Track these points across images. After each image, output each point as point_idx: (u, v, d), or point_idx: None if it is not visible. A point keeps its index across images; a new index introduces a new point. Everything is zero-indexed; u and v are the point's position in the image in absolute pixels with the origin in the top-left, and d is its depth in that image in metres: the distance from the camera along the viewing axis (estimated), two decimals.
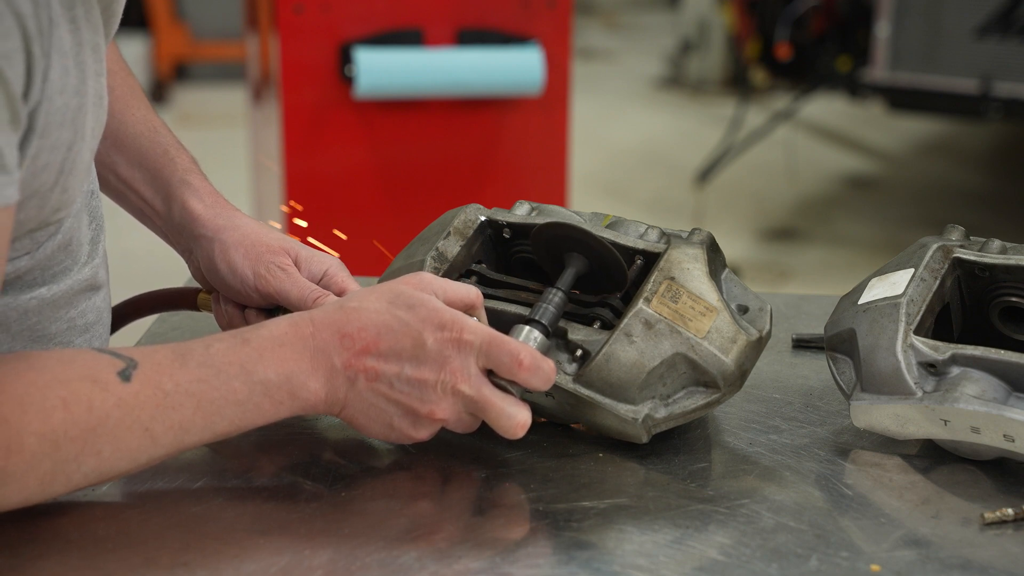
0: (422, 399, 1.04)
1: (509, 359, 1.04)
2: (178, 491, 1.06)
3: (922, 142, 6.30)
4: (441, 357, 1.04)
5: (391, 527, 1.01)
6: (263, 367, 1.03)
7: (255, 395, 1.02)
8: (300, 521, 1.02)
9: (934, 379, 1.10)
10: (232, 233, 1.24)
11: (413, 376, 1.04)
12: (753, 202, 5.38)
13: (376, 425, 1.06)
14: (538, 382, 1.05)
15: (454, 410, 1.05)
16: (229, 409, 1.02)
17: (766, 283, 4.46)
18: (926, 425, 1.10)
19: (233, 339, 1.03)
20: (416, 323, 1.04)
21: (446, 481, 1.08)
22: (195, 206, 1.26)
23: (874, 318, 1.14)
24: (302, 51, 2.91)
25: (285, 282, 1.21)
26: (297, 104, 2.94)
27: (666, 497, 1.06)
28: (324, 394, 1.04)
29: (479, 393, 1.04)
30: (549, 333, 1.10)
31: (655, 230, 1.20)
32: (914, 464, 1.12)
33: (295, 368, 1.03)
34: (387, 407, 1.05)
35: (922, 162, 6.09)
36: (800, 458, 1.13)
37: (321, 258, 1.24)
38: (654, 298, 1.12)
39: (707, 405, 1.12)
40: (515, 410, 1.05)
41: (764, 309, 1.16)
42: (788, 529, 1.02)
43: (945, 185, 5.72)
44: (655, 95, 7.36)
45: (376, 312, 1.04)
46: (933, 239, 1.20)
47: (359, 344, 1.03)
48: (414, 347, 1.03)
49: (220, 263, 1.24)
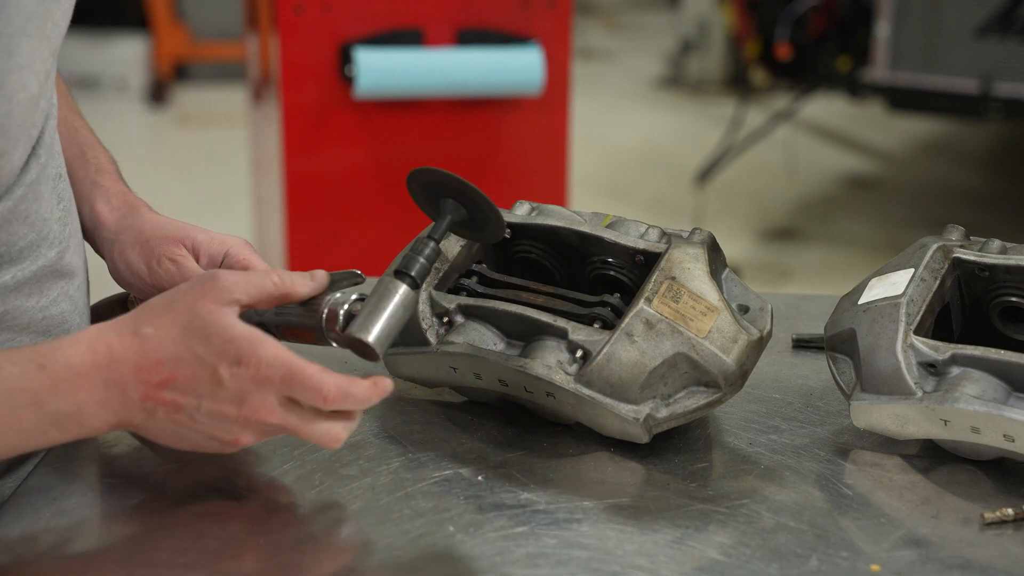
0: (225, 430, 1.01)
1: (312, 395, 0.99)
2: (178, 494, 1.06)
3: (922, 142, 6.30)
4: (241, 392, 1.00)
5: (394, 524, 1.01)
6: (55, 399, 1.00)
7: (43, 424, 1.00)
8: (300, 524, 1.02)
9: (934, 379, 1.10)
10: (129, 232, 1.21)
11: (212, 409, 1.00)
12: (753, 202, 5.38)
13: (184, 445, 1.03)
14: (353, 405, 1.00)
15: (261, 434, 1.02)
16: (13, 436, 1.00)
17: (766, 283, 4.46)
18: (926, 425, 1.10)
19: (28, 364, 1.00)
20: (211, 358, 0.99)
21: (445, 481, 1.08)
22: (101, 209, 1.24)
23: (874, 318, 1.14)
24: (302, 51, 2.90)
25: (175, 274, 1.18)
26: (297, 104, 2.94)
27: (666, 497, 1.07)
28: (116, 422, 1.01)
29: (284, 422, 1.00)
30: (417, 285, 1.06)
31: (655, 230, 1.20)
32: (914, 464, 1.12)
33: (88, 399, 1.00)
34: (190, 435, 1.02)
35: (922, 162, 6.08)
36: (800, 458, 1.13)
37: (222, 239, 1.21)
38: (655, 298, 1.12)
39: (708, 405, 1.12)
40: (326, 427, 1.01)
41: (765, 309, 1.16)
42: (788, 529, 1.02)
43: (945, 185, 5.72)
44: (655, 95, 7.35)
45: (171, 342, 1.00)
46: (933, 239, 1.20)
47: (156, 378, 1.00)
48: (211, 383, 1.00)
49: (120, 264, 1.21)
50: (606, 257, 1.20)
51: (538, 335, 1.14)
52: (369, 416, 1.18)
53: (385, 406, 1.20)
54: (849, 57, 4.98)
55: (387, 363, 1.20)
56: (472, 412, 1.20)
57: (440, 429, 1.17)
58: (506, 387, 1.15)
